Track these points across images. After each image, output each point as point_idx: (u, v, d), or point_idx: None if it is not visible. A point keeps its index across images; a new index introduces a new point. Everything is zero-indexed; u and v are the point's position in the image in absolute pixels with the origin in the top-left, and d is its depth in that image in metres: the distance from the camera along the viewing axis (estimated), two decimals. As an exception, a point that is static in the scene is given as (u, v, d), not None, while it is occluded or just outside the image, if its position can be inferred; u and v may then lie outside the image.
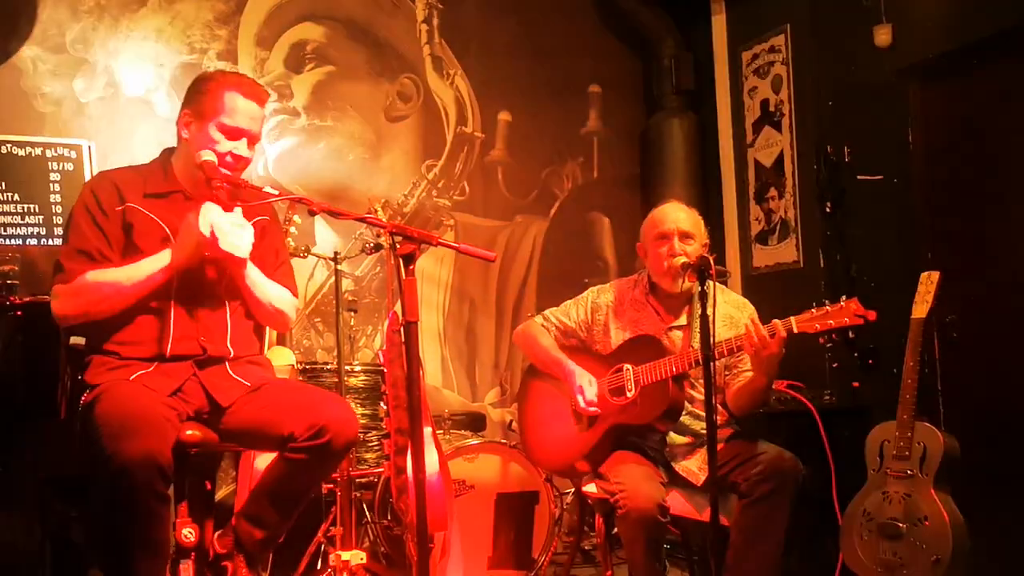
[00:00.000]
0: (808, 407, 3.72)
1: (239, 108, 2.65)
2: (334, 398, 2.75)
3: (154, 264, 2.57)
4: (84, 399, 2.52)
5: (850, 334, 2.81)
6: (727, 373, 3.20)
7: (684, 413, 3.15)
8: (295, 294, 2.89)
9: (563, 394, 3.28)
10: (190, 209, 2.60)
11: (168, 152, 2.78)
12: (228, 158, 2.64)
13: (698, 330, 2.80)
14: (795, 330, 2.81)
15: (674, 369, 3.02)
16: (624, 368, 3.15)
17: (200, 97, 2.67)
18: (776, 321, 2.83)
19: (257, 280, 2.72)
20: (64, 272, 2.57)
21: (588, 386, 3.18)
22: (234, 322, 2.72)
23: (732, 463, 3.01)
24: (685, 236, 3.14)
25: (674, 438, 3.19)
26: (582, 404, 3.16)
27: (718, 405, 3.13)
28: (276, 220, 2.96)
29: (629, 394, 3.12)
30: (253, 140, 2.71)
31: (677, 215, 3.20)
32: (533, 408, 3.41)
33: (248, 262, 2.66)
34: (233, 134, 2.65)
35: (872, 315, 2.73)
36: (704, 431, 3.07)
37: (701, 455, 3.13)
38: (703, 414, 3.08)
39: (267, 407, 2.59)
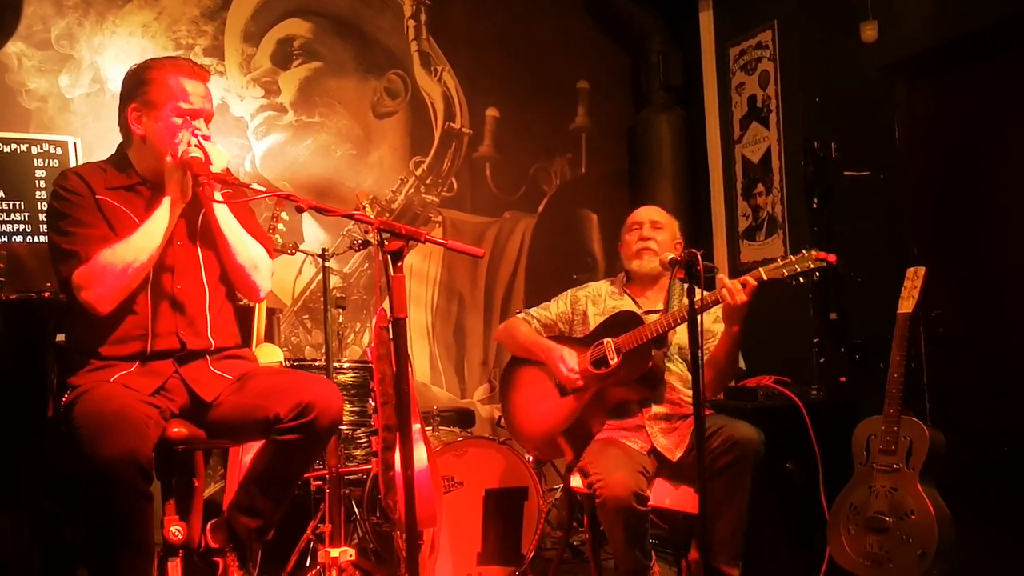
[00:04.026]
0: (795, 402, 3.73)
1: (190, 90, 2.64)
2: (317, 378, 2.73)
3: (158, 214, 2.57)
4: (64, 400, 2.51)
5: (815, 276, 2.96)
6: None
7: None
8: (270, 255, 2.83)
9: (546, 377, 3.37)
10: (154, 199, 2.61)
11: (123, 147, 2.75)
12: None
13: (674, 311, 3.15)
14: (765, 278, 2.96)
15: (652, 332, 3.17)
16: (604, 342, 3.27)
17: (145, 88, 2.64)
18: (747, 275, 3.00)
19: (229, 221, 2.68)
20: (77, 257, 2.51)
21: (568, 357, 3.30)
22: (213, 312, 2.69)
23: None
24: (655, 225, 3.46)
25: (655, 409, 3.28)
26: (564, 372, 3.27)
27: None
28: (245, 204, 2.87)
29: (612, 362, 3.23)
30: (209, 118, 2.69)
31: (650, 209, 3.58)
32: (518, 394, 3.48)
33: (225, 207, 2.65)
34: (193, 116, 2.63)
35: (832, 258, 2.89)
36: (680, 403, 3.27)
37: (676, 434, 3.25)
38: (678, 387, 3.29)
39: (251, 394, 2.58)
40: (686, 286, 3.33)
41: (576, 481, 3.25)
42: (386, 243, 2.30)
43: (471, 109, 5.33)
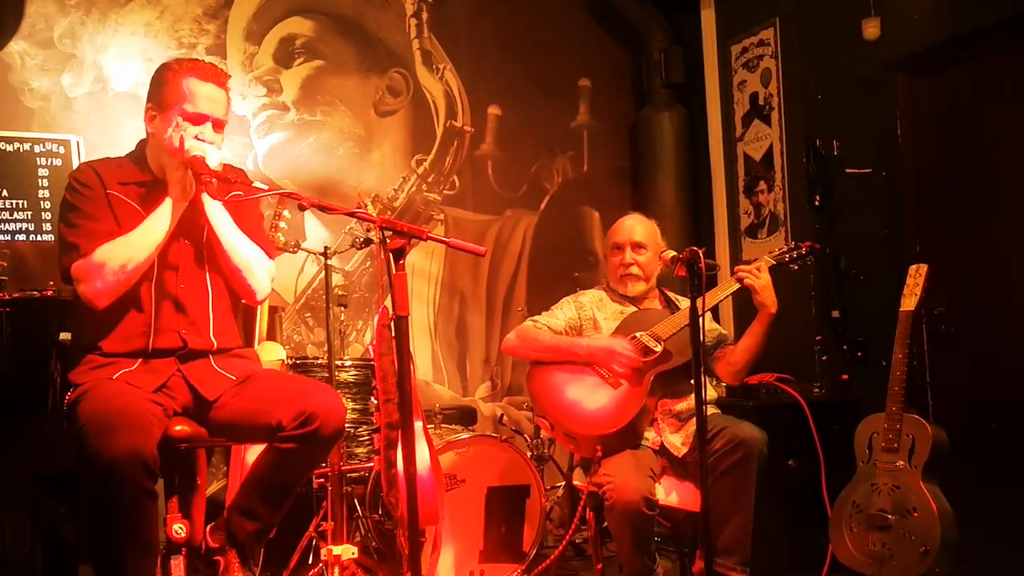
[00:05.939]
0: (798, 400, 3.74)
1: (199, 93, 2.64)
2: (321, 386, 2.73)
3: (158, 213, 2.58)
4: (68, 398, 2.51)
5: (810, 260, 3.30)
6: (716, 358, 3.38)
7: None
8: (271, 257, 2.82)
9: (579, 373, 3.29)
10: (166, 196, 2.61)
11: (143, 144, 2.77)
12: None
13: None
14: (773, 262, 3.20)
15: (687, 317, 3.07)
16: (637, 335, 3.25)
17: (161, 89, 2.66)
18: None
19: (222, 222, 2.68)
20: (77, 250, 2.53)
21: (614, 342, 3.26)
22: (216, 313, 2.70)
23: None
24: (637, 246, 3.43)
25: (675, 407, 3.27)
26: (627, 352, 3.21)
27: (709, 385, 3.38)
28: (253, 207, 2.89)
29: (657, 349, 3.20)
30: (218, 124, 2.69)
31: (632, 226, 3.49)
32: (553, 398, 3.29)
33: (222, 207, 2.66)
34: (195, 120, 2.63)
35: (816, 245, 3.30)
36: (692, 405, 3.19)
37: (685, 431, 3.23)
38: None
39: (254, 398, 2.58)
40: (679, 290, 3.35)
41: (579, 478, 3.24)
42: (388, 241, 2.30)
43: (473, 107, 5.33)
